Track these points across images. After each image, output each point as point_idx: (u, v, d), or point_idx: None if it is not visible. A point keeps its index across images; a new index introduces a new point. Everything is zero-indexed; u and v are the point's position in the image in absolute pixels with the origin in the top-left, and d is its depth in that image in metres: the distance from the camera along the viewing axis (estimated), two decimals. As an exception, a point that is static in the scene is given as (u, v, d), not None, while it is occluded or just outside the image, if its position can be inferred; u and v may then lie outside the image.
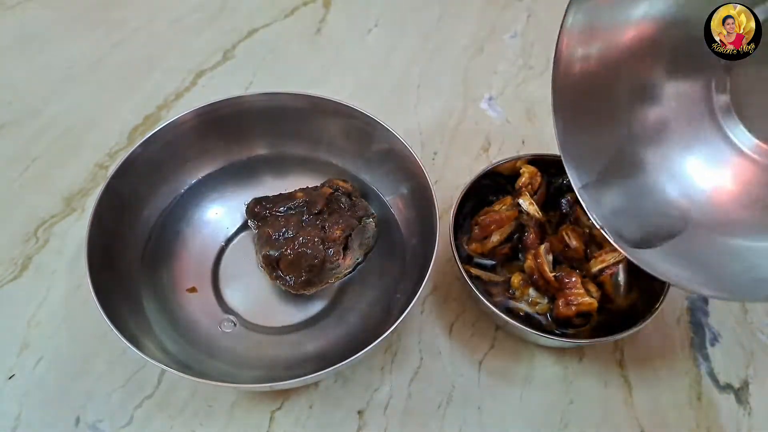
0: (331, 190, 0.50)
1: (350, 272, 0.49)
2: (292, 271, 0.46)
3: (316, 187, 0.51)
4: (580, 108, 0.44)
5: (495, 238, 0.48)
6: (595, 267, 0.46)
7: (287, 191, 0.50)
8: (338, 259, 0.46)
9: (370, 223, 0.49)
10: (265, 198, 0.50)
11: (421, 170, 0.46)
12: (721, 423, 0.44)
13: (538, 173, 0.50)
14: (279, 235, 0.47)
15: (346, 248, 0.47)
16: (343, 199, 0.49)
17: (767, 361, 0.47)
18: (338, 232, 0.47)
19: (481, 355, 0.47)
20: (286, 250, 0.46)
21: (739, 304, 0.50)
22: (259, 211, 0.49)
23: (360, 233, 0.48)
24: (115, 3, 0.76)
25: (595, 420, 0.44)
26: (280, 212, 0.48)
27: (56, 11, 0.74)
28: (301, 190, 0.50)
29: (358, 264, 0.49)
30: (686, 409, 0.45)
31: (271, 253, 0.46)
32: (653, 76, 0.44)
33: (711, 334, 0.49)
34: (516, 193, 0.50)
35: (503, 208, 0.49)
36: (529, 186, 0.50)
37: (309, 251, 0.46)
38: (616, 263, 0.45)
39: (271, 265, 0.47)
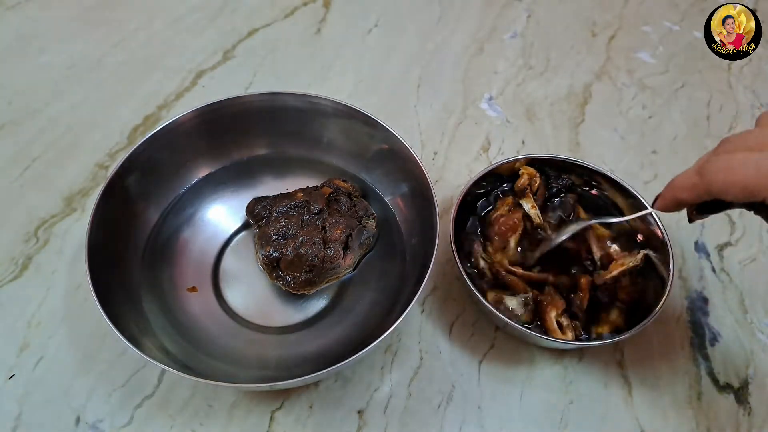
0: (331, 190, 0.50)
1: (350, 272, 0.49)
2: (292, 270, 0.46)
3: (316, 186, 0.51)
4: None
5: (512, 243, 0.48)
6: (615, 270, 0.46)
7: (287, 191, 0.50)
8: (339, 259, 0.46)
9: (371, 222, 0.49)
10: (265, 198, 0.50)
11: (421, 170, 0.46)
12: (721, 423, 0.44)
13: (537, 174, 0.50)
14: (279, 235, 0.47)
15: (346, 248, 0.47)
16: (343, 199, 0.49)
17: (767, 361, 0.47)
18: (339, 231, 0.47)
19: (481, 355, 0.47)
20: (286, 249, 0.46)
21: (739, 303, 0.50)
22: (259, 212, 0.49)
23: (360, 233, 0.48)
24: (115, 3, 0.76)
25: (595, 420, 0.44)
26: (280, 212, 0.48)
27: (56, 11, 0.74)
28: (301, 190, 0.50)
29: (358, 263, 0.49)
30: (686, 409, 0.45)
31: (272, 253, 0.46)
32: None
33: (711, 334, 0.49)
34: (519, 195, 0.50)
35: (505, 208, 0.49)
36: (529, 187, 0.50)
37: (309, 251, 0.46)
38: (634, 267, 0.46)
39: (272, 265, 0.47)
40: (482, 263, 0.47)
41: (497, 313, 0.42)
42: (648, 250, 0.47)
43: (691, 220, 0.36)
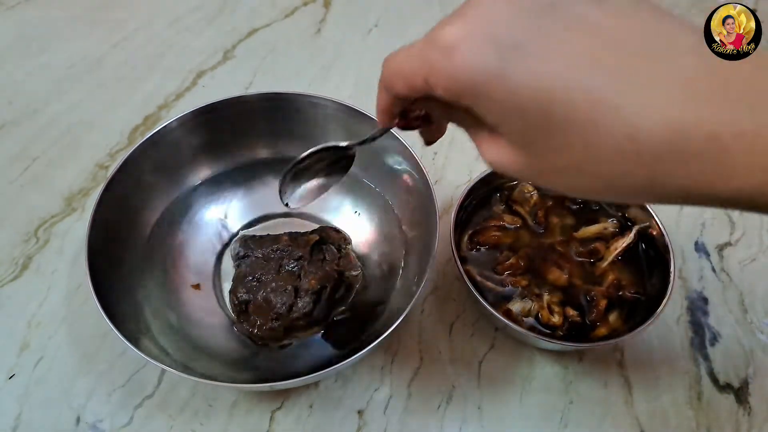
0: (317, 238, 0.48)
1: (320, 329, 0.46)
2: (258, 316, 0.44)
3: (305, 233, 0.49)
4: None
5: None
6: (610, 256, 0.47)
7: (275, 234, 0.49)
8: (307, 310, 0.44)
9: (354, 277, 0.47)
10: (252, 238, 0.49)
11: (421, 170, 0.46)
12: (721, 423, 0.44)
13: (535, 190, 0.51)
14: (254, 278, 0.45)
15: (317, 301, 0.45)
16: (329, 249, 0.47)
17: (767, 360, 0.47)
18: (312, 282, 0.45)
19: (481, 355, 0.47)
20: (257, 293, 0.44)
21: (739, 303, 0.50)
22: (243, 252, 0.47)
23: (336, 288, 0.46)
24: (115, 3, 0.76)
25: (595, 420, 0.44)
26: (260, 254, 0.47)
27: (56, 11, 0.74)
28: (288, 234, 0.49)
29: (330, 319, 0.47)
30: (686, 409, 0.45)
31: (241, 295, 0.45)
32: None
33: (711, 334, 0.49)
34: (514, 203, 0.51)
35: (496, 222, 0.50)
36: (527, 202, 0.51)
37: (278, 298, 0.44)
38: (627, 246, 0.47)
39: (240, 307, 0.45)
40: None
41: (497, 314, 0.42)
42: (638, 225, 0.48)
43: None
